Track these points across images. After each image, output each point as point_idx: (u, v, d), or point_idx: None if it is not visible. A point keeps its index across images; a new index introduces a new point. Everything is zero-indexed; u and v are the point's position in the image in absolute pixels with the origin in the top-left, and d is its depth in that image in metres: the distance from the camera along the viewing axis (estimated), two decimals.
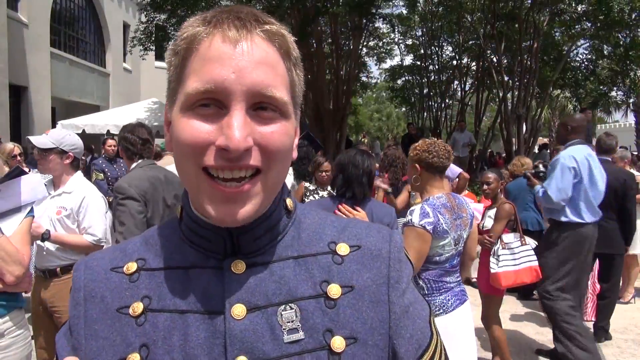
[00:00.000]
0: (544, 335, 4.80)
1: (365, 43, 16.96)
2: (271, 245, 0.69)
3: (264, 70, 0.60)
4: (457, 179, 5.53)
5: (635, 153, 12.38)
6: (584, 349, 3.71)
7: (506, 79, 14.06)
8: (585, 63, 15.15)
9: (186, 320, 0.64)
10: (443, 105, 20.05)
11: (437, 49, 19.45)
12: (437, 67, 19.65)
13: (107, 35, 20.39)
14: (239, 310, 0.64)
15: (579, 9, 11.66)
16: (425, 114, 20.69)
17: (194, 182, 0.62)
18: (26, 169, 3.22)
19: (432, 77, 20.06)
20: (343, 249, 0.70)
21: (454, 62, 19.25)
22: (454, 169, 5.54)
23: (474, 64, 18.58)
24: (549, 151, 12.63)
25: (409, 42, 20.69)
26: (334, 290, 0.67)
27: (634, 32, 12.12)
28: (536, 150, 15.53)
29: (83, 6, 19.30)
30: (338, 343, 0.64)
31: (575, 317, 3.83)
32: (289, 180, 4.89)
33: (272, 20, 0.63)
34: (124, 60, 21.62)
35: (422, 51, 19.77)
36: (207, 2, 12.43)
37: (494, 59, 15.18)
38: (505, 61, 15.09)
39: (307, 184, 4.62)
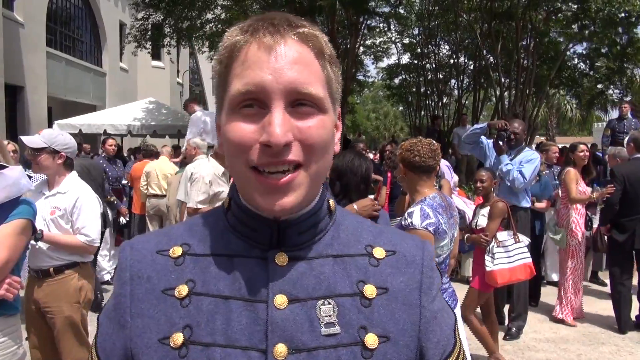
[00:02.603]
0: (540, 334, 4.81)
1: (362, 42, 16.94)
2: (312, 242, 0.72)
3: (298, 70, 0.64)
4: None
5: None
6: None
7: (503, 78, 14.07)
8: (583, 59, 15.16)
9: (229, 305, 0.67)
10: (440, 104, 20.05)
11: (434, 47, 19.44)
12: (434, 65, 19.65)
13: (103, 34, 20.34)
14: (280, 300, 0.67)
15: (572, 7, 11.69)
16: (422, 112, 20.69)
17: (244, 177, 0.67)
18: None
19: (429, 76, 20.04)
20: (379, 252, 0.74)
21: (451, 61, 19.25)
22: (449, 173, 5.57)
23: (470, 62, 18.58)
24: None
25: (406, 40, 20.67)
26: (370, 290, 0.70)
27: (630, 31, 12.13)
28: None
29: (79, 5, 19.25)
30: (372, 340, 0.67)
31: None
32: None
33: (304, 24, 0.68)
34: (120, 59, 21.57)
35: (419, 50, 19.76)
36: (204, 1, 12.39)
37: (491, 58, 15.18)
38: (501, 60, 15.08)
39: None
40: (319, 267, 0.71)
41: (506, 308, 4.91)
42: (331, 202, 0.77)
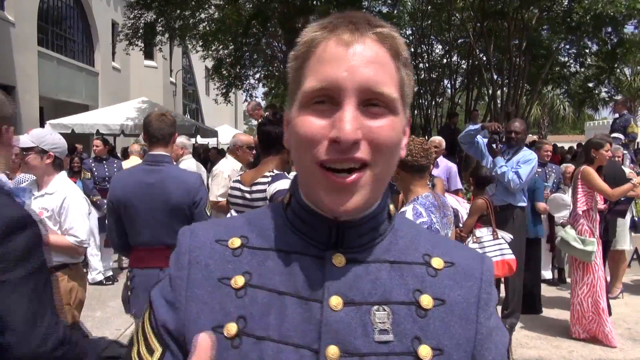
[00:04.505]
0: (533, 331, 4.83)
1: None
2: (370, 245, 0.72)
3: (373, 68, 0.63)
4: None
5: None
6: None
7: (495, 77, 14.13)
8: (573, 58, 15.25)
9: (284, 301, 0.67)
10: (433, 103, 20.12)
11: (426, 47, 19.50)
12: (427, 65, 19.70)
13: (95, 34, 20.22)
14: (336, 301, 0.66)
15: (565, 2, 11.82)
16: (415, 111, 20.73)
17: (310, 173, 0.66)
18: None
19: (423, 75, 20.09)
20: (437, 263, 0.73)
21: (444, 60, 19.32)
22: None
23: (463, 62, 18.65)
24: None
25: None
26: (426, 300, 0.69)
27: (620, 31, 12.23)
28: None
29: (71, 5, 19.12)
30: (425, 352, 0.66)
31: None
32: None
33: (383, 24, 0.67)
34: (112, 59, 21.44)
35: (412, 49, 19.80)
36: (197, 1, 12.34)
37: (484, 57, 15.24)
38: (494, 59, 15.15)
39: None
40: (376, 272, 0.69)
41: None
42: (391, 207, 0.76)
